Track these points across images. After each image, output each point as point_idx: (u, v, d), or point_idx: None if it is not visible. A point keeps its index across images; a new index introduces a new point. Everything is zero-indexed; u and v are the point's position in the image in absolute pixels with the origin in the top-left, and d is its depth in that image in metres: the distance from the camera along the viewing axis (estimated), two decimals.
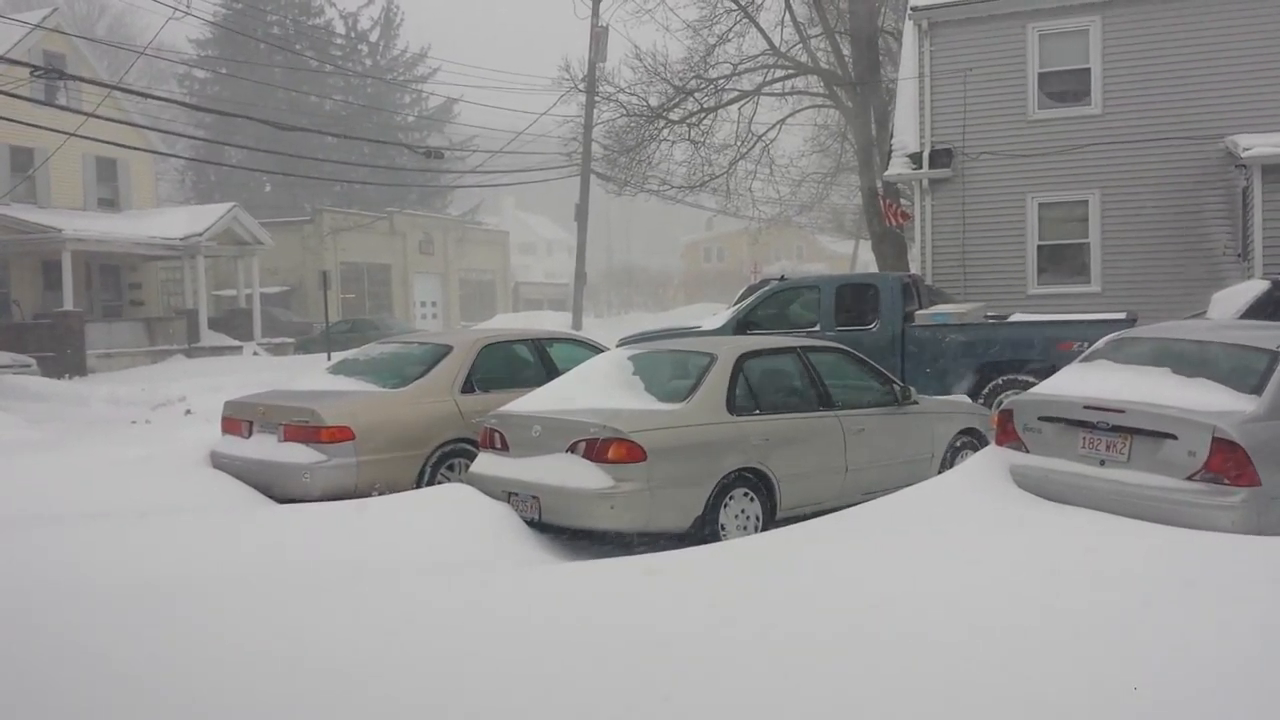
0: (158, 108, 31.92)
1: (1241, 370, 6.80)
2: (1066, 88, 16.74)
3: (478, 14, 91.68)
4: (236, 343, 29.79)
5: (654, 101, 25.97)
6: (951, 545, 5.81)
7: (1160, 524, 6.07)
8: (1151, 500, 6.29)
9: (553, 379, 8.75)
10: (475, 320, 41.37)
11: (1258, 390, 6.56)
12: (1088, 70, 16.49)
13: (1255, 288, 11.44)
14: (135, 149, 28.20)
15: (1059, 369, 8.04)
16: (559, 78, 29.10)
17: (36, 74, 18.50)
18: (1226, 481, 6.15)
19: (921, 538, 6.03)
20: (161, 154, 31.96)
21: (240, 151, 37.56)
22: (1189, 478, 6.26)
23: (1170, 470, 6.34)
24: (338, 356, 11.61)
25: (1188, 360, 7.06)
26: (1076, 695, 3.82)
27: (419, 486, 8.32)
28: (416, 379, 8.92)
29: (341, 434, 8.19)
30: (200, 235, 29.04)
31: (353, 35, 54.61)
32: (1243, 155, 13.99)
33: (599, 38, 29.52)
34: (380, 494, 7.83)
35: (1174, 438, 6.36)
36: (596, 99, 28.72)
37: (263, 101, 42.01)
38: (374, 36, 54.90)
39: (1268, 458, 6.18)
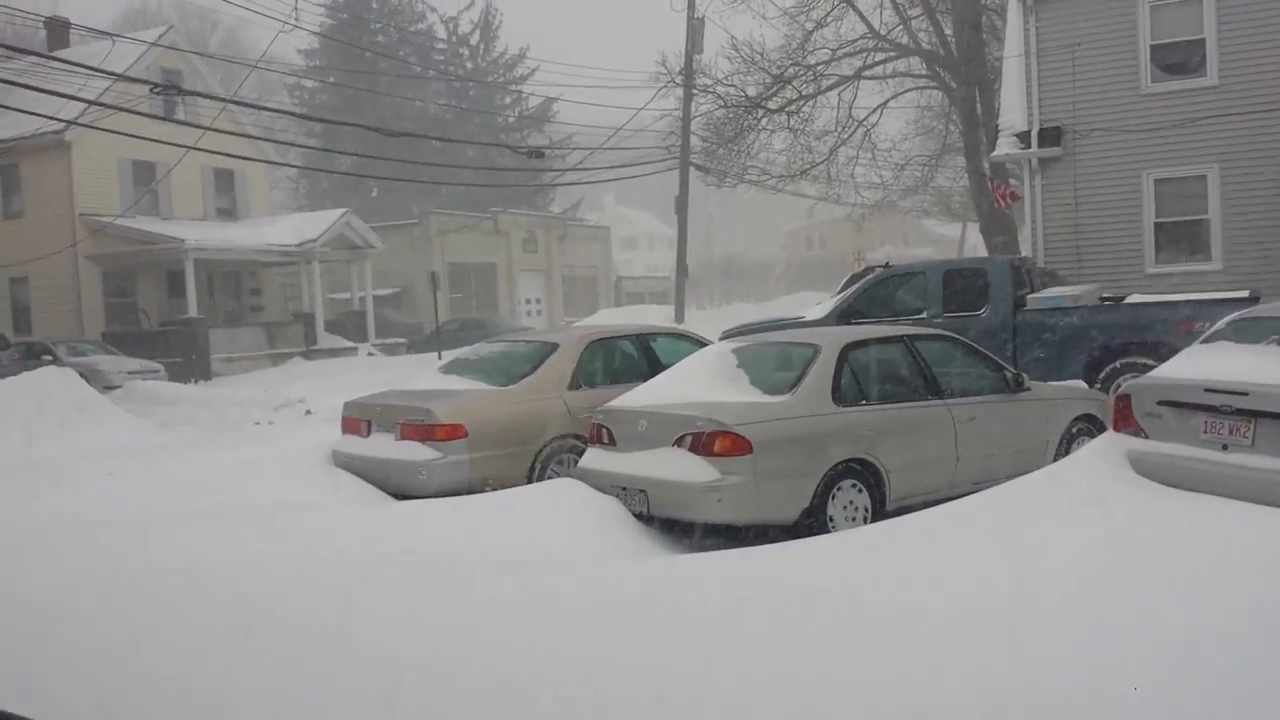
0: (270, 118, 33.06)
1: None
2: (1180, 59, 16.11)
3: (575, 12, 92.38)
4: (351, 344, 30.70)
5: (752, 91, 25.87)
6: (1065, 536, 5.70)
7: None
8: (1278, 485, 6.06)
9: (657, 374, 8.84)
10: (578, 315, 41.79)
11: None
12: (1202, 40, 15.83)
13: None
14: (250, 159, 29.28)
15: (1179, 351, 7.78)
16: (656, 72, 29.15)
17: (155, 90, 19.44)
18: None
19: (1032, 529, 5.93)
20: (275, 164, 33.13)
21: (349, 158, 38.73)
22: None
23: None
24: (448, 355, 11.92)
25: None
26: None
27: (529, 482, 8.51)
28: (525, 376, 9.12)
29: (455, 432, 8.43)
30: (314, 241, 30.00)
31: (453, 39, 55.60)
32: None
33: (695, 30, 29.51)
34: (493, 489, 8.03)
35: None
36: (694, 91, 28.73)
37: (369, 108, 43.19)
38: (474, 40, 55.81)
39: None
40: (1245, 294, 11.65)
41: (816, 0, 25.37)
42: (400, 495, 8.45)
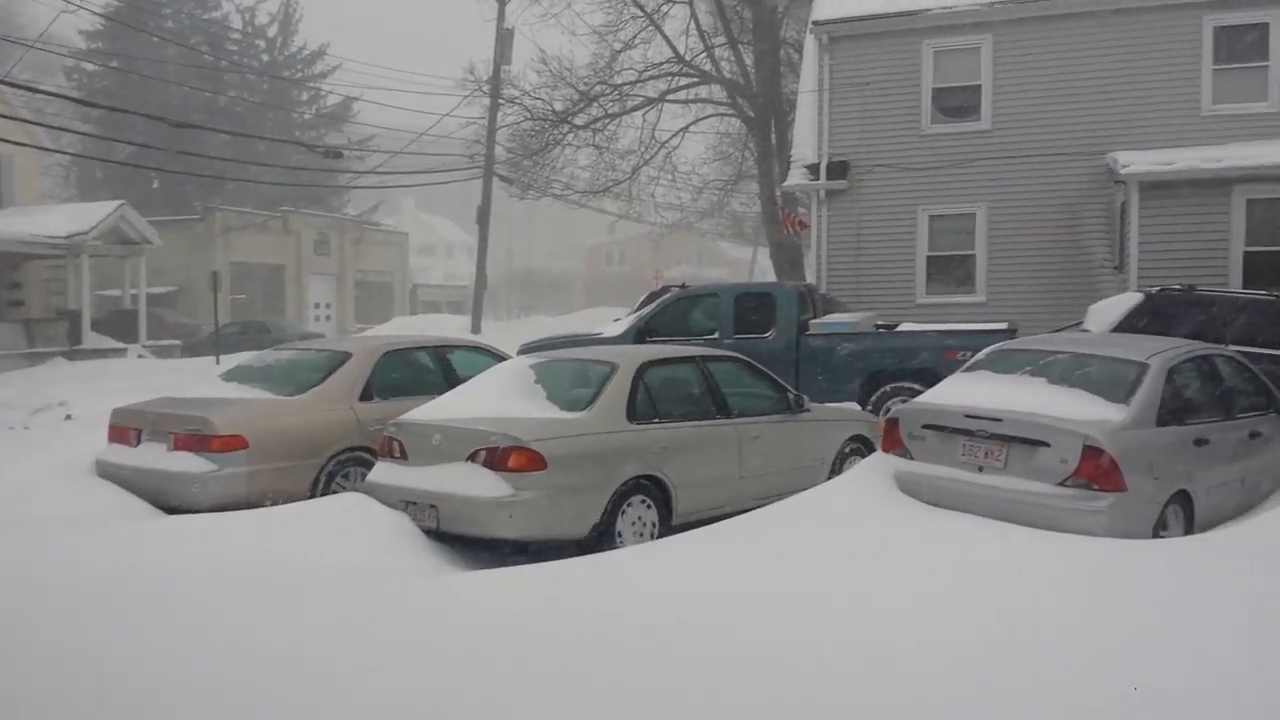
0: (44, 101, 30.71)
1: (1113, 381, 7.20)
2: (959, 103, 17.31)
3: (381, 13, 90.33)
4: (121, 345, 28.79)
5: (559, 106, 26.05)
6: (833, 548, 6.03)
7: (1032, 527, 6.37)
8: (1025, 504, 6.61)
9: (453, 387, 8.74)
10: (371, 323, 40.76)
11: (1126, 400, 6.96)
12: (979, 87, 17.08)
13: (1130, 300, 11.98)
14: (20, 144, 27.06)
15: (944, 378, 8.35)
16: (463, 79, 28.95)
17: None
18: (1096, 487, 6.50)
19: (805, 542, 6.23)
20: (48, 150, 30.74)
21: (129, 147, 36.41)
22: (1061, 483, 6.60)
23: (1044, 476, 6.67)
24: (228, 360, 11.38)
25: (1063, 371, 7.44)
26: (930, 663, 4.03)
27: (313, 496, 8.23)
28: (313, 386, 8.83)
29: (234, 443, 8.06)
30: (86, 234, 28.01)
31: (249, 31, 53.31)
32: (1121, 172, 14.66)
33: (504, 40, 29.47)
34: (273, 504, 7.73)
35: (1048, 445, 6.69)
36: (501, 102, 28.66)
37: (155, 96, 40.77)
38: (271, 32, 53.69)
39: (1134, 465, 6.56)
40: (1004, 326, 12.60)
41: (625, 22, 25.86)
42: (172, 510, 7.99)
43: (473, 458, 7.18)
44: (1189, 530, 6.92)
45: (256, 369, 9.61)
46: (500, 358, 9.95)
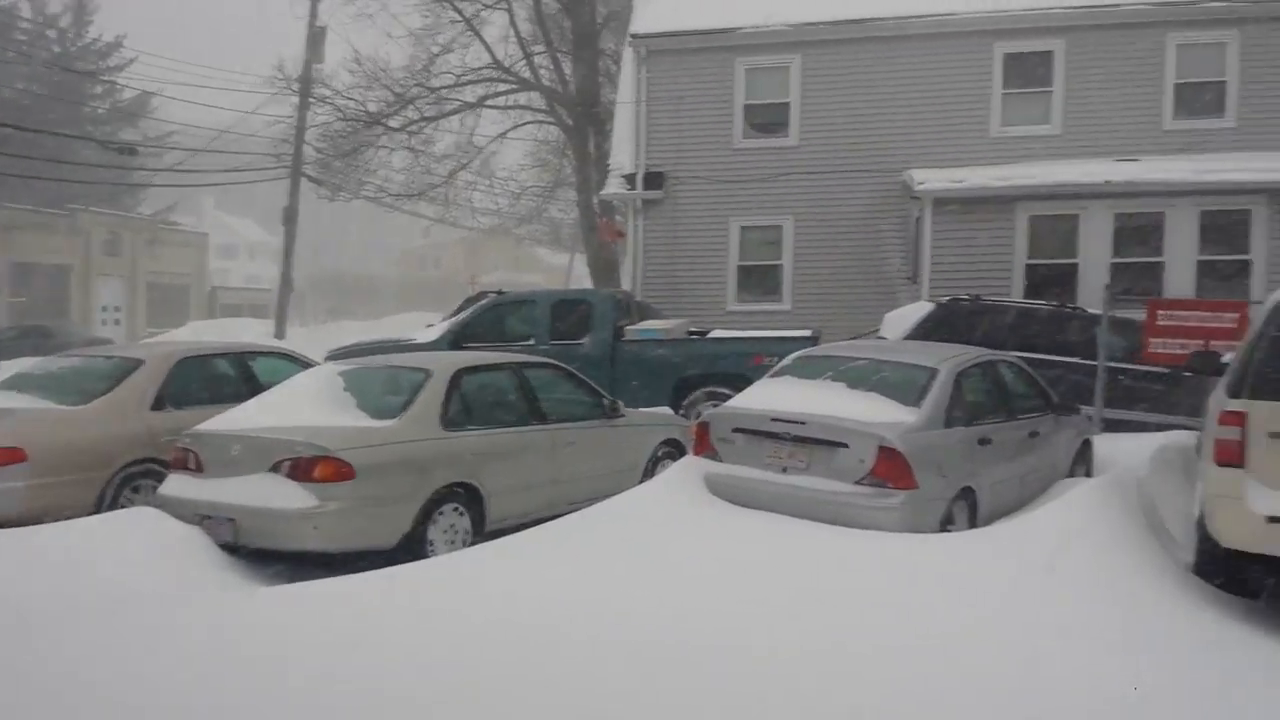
0: None
1: (906, 385, 7.59)
2: (769, 120, 17.91)
3: (185, 6, 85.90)
4: None
5: (373, 107, 25.46)
6: (639, 549, 6.14)
7: (831, 524, 6.65)
8: (825, 503, 6.91)
9: (255, 395, 8.39)
10: (165, 327, 38.66)
11: (918, 403, 7.35)
12: (788, 104, 17.73)
13: (922, 309, 12.69)
14: None
15: (752, 383, 8.61)
16: (271, 77, 27.85)
17: None
18: (889, 485, 6.85)
19: (611, 545, 6.32)
20: None
21: None
22: (858, 482, 6.92)
23: (843, 476, 6.98)
24: (6, 367, 10.57)
25: (861, 376, 7.79)
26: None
27: (99, 511, 7.73)
28: (101, 395, 8.30)
29: (12, 456, 7.49)
30: None
31: (40, 20, 49.66)
32: (917, 188, 15.50)
33: (316, 38, 28.54)
34: (56, 519, 7.21)
35: (846, 446, 7.01)
36: (311, 101, 27.73)
37: None
38: (64, 22, 50.20)
39: (924, 464, 6.94)
40: (808, 333, 13.11)
41: (443, 25, 25.52)
42: None
43: (275, 468, 6.91)
44: (973, 524, 7.36)
45: (38, 376, 8.97)
46: (306, 364, 9.63)
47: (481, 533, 7.61)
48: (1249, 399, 6.12)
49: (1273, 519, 5.93)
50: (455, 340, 12.82)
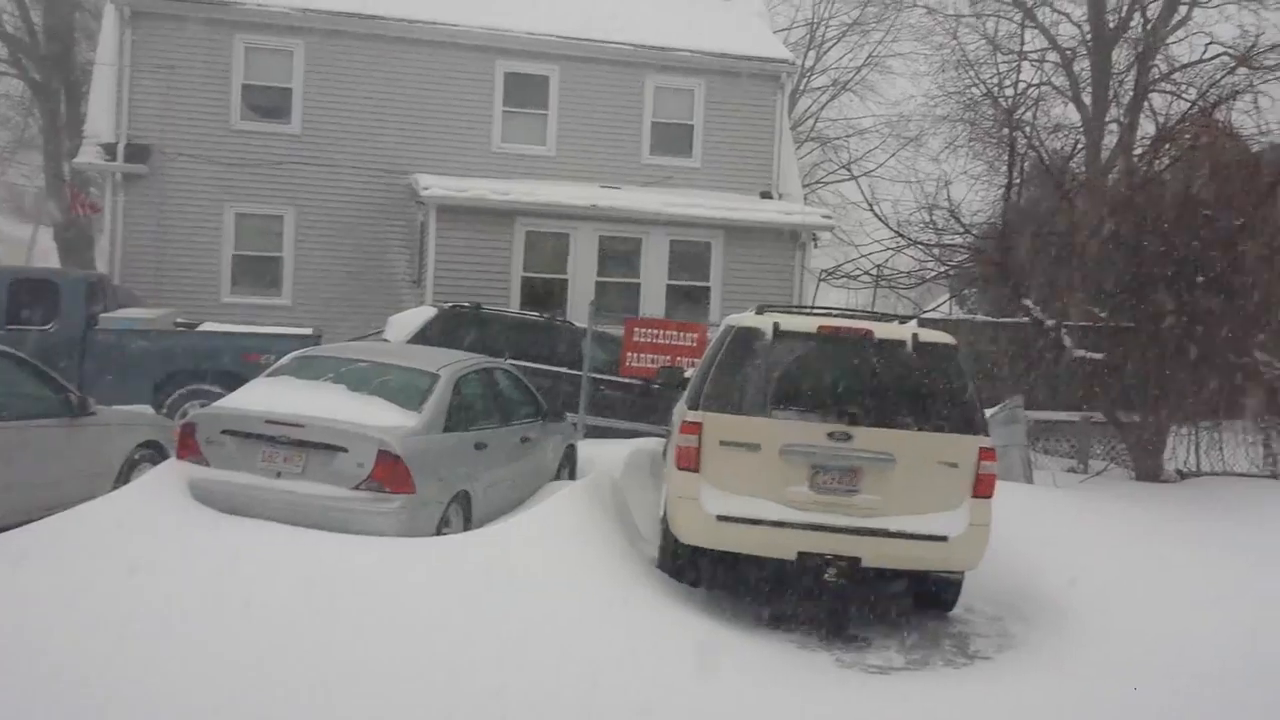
0: None
1: (407, 389, 7.65)
2: (271, 103, 17.12)
3: None
4: None
5: None
6: (118, 565, 5.60)
7: (329, 531, 6.52)
8: (321, 509, 6.76)
9: None
10: None
11: (418, 408, 7.45)
12: (290, 90, 17.08)
13: (425, 313, 12.87)
14: None
15: (247, 381, 8.18)
16: None
17: None
18: (388, 489, 6.87)
19: (85, 559, 5.69)
20: None
21: None
22: (356, 487, 6.86)
23: (341, 480, 6.88)
24: None
25: (364, 379, 7.72)
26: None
27: None
28: None
29: None
30: None
31: None
32: (422, 194, 15.67)
33: None
34: None
35: (346, 450, 6.91)
36: None
37: None
38: None
39: (422, 468, 7.05)
40: (309, 331, 12.74)
41: None
42: None
43: None
44: (468, 526, 7.61)
45: None
46: None
47: None
48: (704, 411, 6.99)
49: (721, 517, 6.83)
50: None
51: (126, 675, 4.46)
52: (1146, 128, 17.85)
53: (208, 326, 12.92)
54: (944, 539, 6.80)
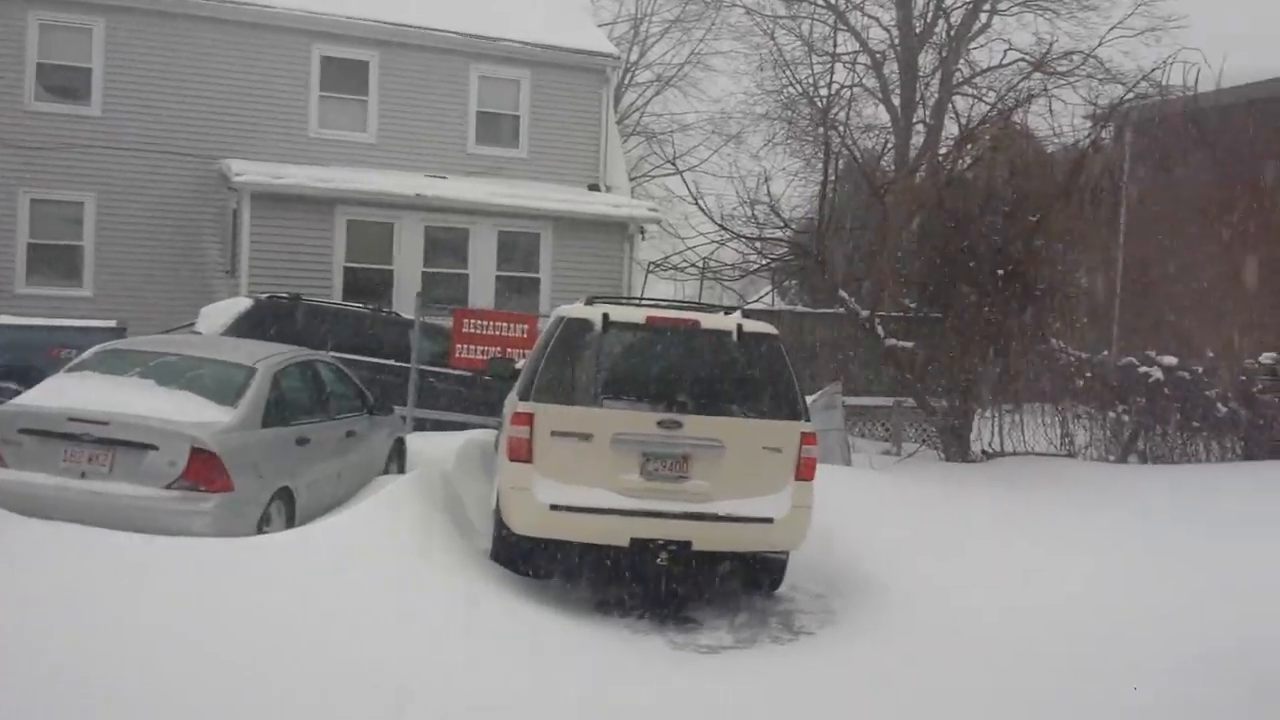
0: None
1: (223, 384, 7.35)
2: (68, 84, 16.07)
3: None
4: None
5: None
6: None
7: (139, 532, 6.18)
8: (130, 510, 6.42)
9: None
10: None
11: (235, 403, 7.16)
12: (90, 70, 16.05)
13: (241, 305, 12.35)
14: None
15: (46, 377, 7.68)
16: None
17: None
18: (203, 488, 6.58)
19: None
20: None
21: None
22: (168, 486, 6.54)
23: (152, 480, 6.55)
24: None
25: (175, 373, 7.37)
26: None
27: None
28: None
29: None
30: None
31: None
32: (234, 180, 15.02)
33: None
34: None
35: (156, 448, 6.58)
36: None
37: None
38: None
39: (240, 465, 6.79)
40: (114, 324, 12.04)
41: None
42: None
43: None
44: (291, 524, 7.36)
45: None
46: None
47: None
48: (535, 402, 7.00)
49: (554, 507, 6.85)
50: None
51: None
52: (951, 129, 18.91)
53: (3, 319, 12.05)
54: (769, 521, 7.02)
